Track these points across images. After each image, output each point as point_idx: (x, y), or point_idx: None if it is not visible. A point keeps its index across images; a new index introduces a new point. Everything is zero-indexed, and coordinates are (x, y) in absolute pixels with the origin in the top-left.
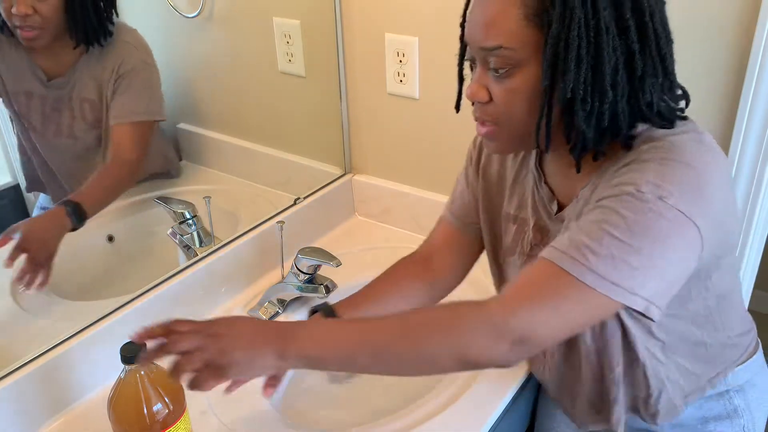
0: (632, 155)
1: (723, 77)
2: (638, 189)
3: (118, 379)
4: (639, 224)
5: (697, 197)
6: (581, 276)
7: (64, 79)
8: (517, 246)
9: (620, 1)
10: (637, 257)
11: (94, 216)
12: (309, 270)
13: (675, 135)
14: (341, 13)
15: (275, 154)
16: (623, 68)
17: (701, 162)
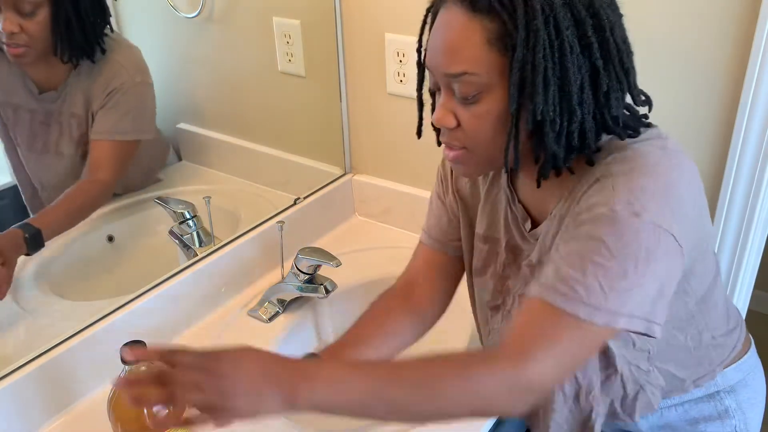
0: (599, 169)
1: (723, 77)
2: (612, 209)
3: None
4: (619, 246)
5: (669, 205)
6: (577, 311)
7: (56, 93)
8: (489, 267)
9: (581, 19)
10: (626, 280)
11: (94, 216)
12: (309, 270)
13: (638, 143)
14: (341, 13)
15: (275, 154)
16: (588, 85)
17: (666, 168)
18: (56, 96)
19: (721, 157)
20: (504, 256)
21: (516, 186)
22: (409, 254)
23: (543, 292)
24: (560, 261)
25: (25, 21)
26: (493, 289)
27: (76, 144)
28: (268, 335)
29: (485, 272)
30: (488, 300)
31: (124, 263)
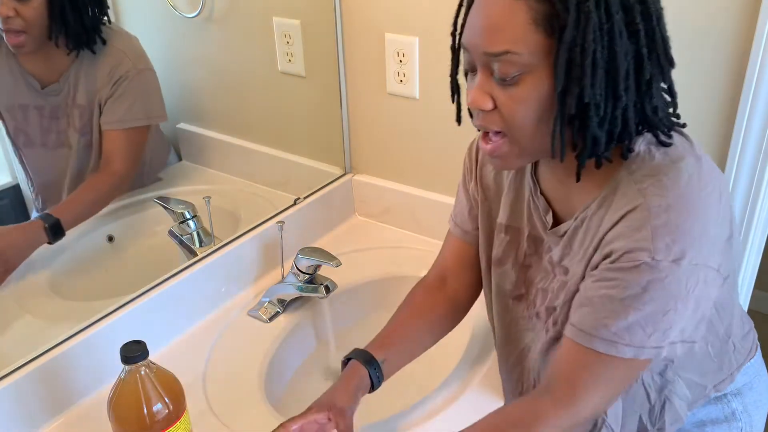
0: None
1: (723, 77)
2: (653, 257)
3: (118, 379)
4: (662, 294)
5: (708, 239)
6: (621, 353)
7: (59, 86)
8: (509, 257)
9: (630, 5)
10: (668, 319)
11: (94, 216)
12: (309, 270)
13: (674, 163)
14: (341, 13)
15: (275, 154)
16: (633, 72)
17: (704, 199)
18: (59, 88)
19: (721, 157)
20: (526, 247)
21: (539, 178)
22: (409, 254)
23: (586, 340)
24: (601, 306)
25: (21, 5)
26: (516, 279)
27: (80, 134)
28: (268, 335)
29: (505, 262)
30: (510, 290)
31: (124, 263)
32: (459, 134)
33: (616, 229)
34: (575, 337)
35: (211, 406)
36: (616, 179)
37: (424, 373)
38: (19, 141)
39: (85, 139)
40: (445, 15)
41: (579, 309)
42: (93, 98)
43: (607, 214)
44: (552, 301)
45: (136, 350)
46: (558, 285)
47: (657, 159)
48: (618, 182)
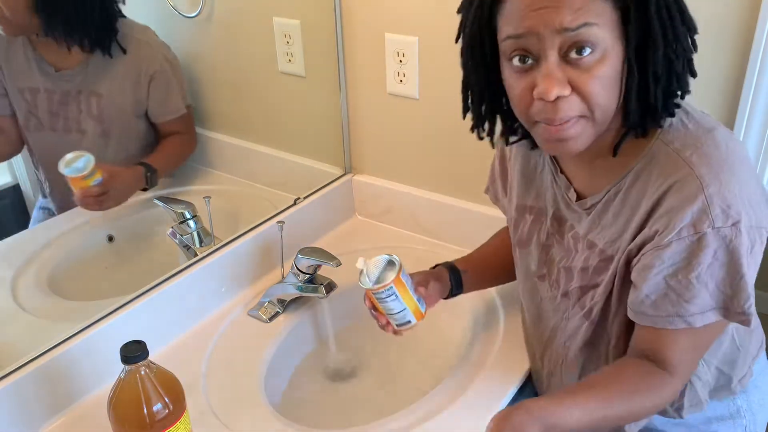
0: (674, 161)
1: (723, 77)
2: (714, 226)
3: (118, 379)
4: (729, 257)
5: (757, 201)
6: (708, 320)
7: (72, 72)
8: (533, 237)
9: None
10: (740, 281)
11: (94, 216)
12: (309, 270)
13: (710, 132)
14: (341, 13)
15: (275, 154)
16: (681, 47)
17: (743, 161)
18: (73, 74)
19: None
20: (548, 225)
21: (557, 157)
22: (409, 254)
23: (678, 322)
24: (675, 286)
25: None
26: (538, 259)
27: (96, 121)
28: (268, 335)
29: (530, 243)
30: (534, 270)
31: (124, 263)
32: (459, 134)
33: (667, 201)
34: (661, 323)
35: (211, 406)
36: (651, 151)
37: (424, 373)
38: (30, 125)
39: (103, 127)
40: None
41: (650, 290)
42: (122, 90)
43: (649, 185)
44: (590, 280)
45: (136, 350)
46: (582, 262)
47: (691, 129)
48: (654, 154)
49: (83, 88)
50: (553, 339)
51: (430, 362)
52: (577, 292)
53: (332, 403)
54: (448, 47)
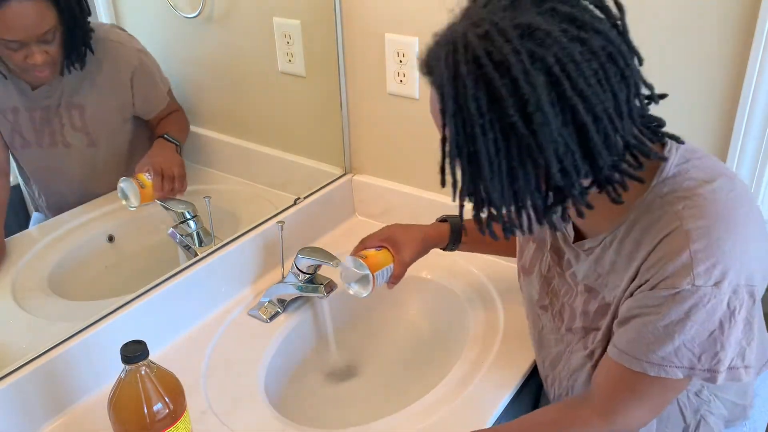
0: (670, 214)
1: (723, 77)
2: (694, 284)
3: (118, 379)
4: (705, 317)
5: (748, 258)
6: (672, 375)
7: (49, 87)
8: (535, 266)
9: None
10: (714, 339)
11: (95, 215)
12: (309, 270)
13: (708, 184)
14: (341, 13)
15: (275, 154)
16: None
17: (740, 218)
18: (50, 90)
19: (720, 157)
20: (549, 258)
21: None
22: None
23: (636, 365)
24: (645, 332)
25: (48, 46)
26: (540, 289)
27: (81, 133)
28: (268, 335)
29: (532, 271)
30: (537, 299)
31: (124, 263)
32: None
33: (654, 254)
34: (622, 360)
35: (211, 406)
36: (646, 201)
37: (424, 373)
38: (15, 142)
39: (89, 138)
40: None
41: (623, 333)
42: (104, 97)
43: (643, 238)
44: (592, 322)
45: (136, 350)
46: (582, 305)
47: (689, 180)
48: (649, 204)
49: (62, 102)
50: (556, 366)
51: (429, 362)
52: (580, 331)
53: (332, 402)
54: None
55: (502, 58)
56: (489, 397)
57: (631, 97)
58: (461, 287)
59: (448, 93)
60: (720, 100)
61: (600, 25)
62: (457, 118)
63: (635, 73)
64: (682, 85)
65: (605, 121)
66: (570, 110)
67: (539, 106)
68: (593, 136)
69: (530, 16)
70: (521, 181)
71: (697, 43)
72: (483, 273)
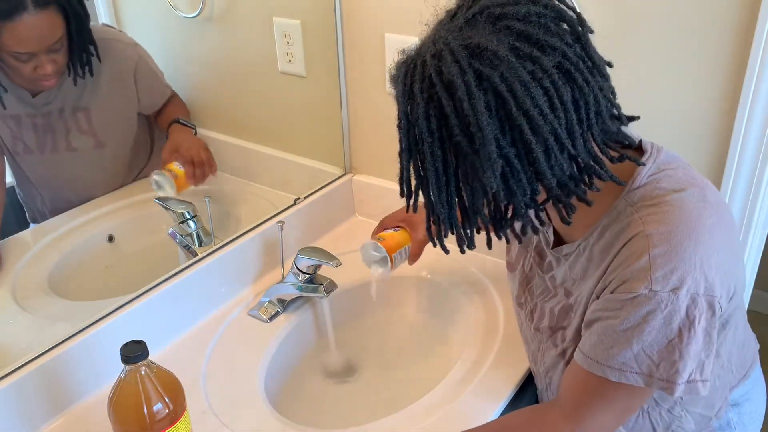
0: (634, 220)
1: (723, 77)
2: (651, 288)
3: (118, 379)
4: (663, 324)
5: (709, 267)
6: (631, 381)
7: (50, 94)
8: (518, 263)
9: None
10: (672, 350)
11: (95, 215)
12: (309, 270)
13: (676, 192)
14: (341, 13)
15: (275, 154)
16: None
17: (705, 227)
18: (49, 95)
19: (720, 156)
20: (531, 258)
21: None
22: None
23: (597, 368)
24: (605, 336)
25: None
26: (519, 286)
27: (88, 135)
28: (268, 335)
29: (515, 268)
30: (516, 295)
31: (124, 263)
32: None
33: (617, 258)
34: (585, 364)
35: (211, 406)
36: (617, 209)
37: (424, 373)
38: (18, 149)
39: (96, 139)
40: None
41: (587, 337)
42: (109, 97)
43: (612, 244)
44: (557, 322)
45: (136, 350)
46: (560, 307)
47: (658, 189)
48: (619, 212)
49: (65, 106)
50: (537, 362)
51: (429, 362)
52: (546, 330)
53: (332, 402)
54: None
55: (450, 78)
56: (489, 397)
57: (591, 114)
58: (461, 287)
59: (402, 109)
60: (720, 100)
61: (556, 42)
62: (410, 135)
63: (595, 89)
64: (681, 85)
65: (551, 142)
66: (516, 130)
67: (480, 126)
68: (538, 157)
69: (483, 35)
70: (469, 199)
71: (697, 43)
72: (483, 273)
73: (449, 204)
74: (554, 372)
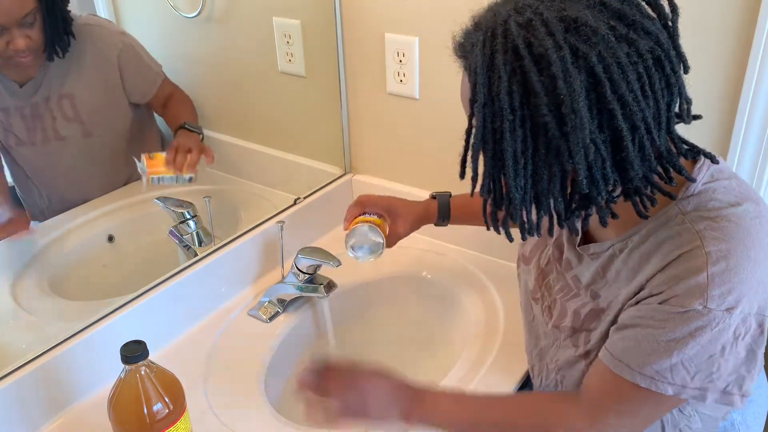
0: (690, 232)
1: (723, 77)
2: (705, 306)
3: (118, 379)
4: (709, 339)
5: (764, 288)
6: (661, 390)
7: (36, 81)
8: (534, 256)
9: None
10: (712, 361)
11: (95, 215)
12: (309, 270)
13: (733, 207)
14: (341, 13)
15: (275, 154)
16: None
17: (763, 246)
18: (35, 84)
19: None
20: (550, 252)
21: None
22: (409, 254)
23: (628, 373)
24: (645, 343)
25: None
26: (535, 281)
27: (75, 123)
28: (268, 335)
29: (531, 261)
30: (531, 290)
31: (124, 263)
32: (459, 134)
33: (669, 269)
34: (614, 366)
35: (211, 406)
36: (667, 215)
37: (424, 373)
38: (10, 142)
39: (84, 127)
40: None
41: (620, 340)
42: (92, 82)
43: (657, 251)
44: (582, 324)
45: (136, 350)
46: (588, 310)
47: (714, 200)
48: (669, 219)
49: (50, 94)
50: (543, 358)
51: (430, 362)
52: (568, 330)
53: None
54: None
55: (542, 51)
56: None
57: (672, 106)
58: (461, 287)
59: (480, 82)
60: (720, 100)
61: (650, 26)
62: (486, 110)
63: (680, 80)
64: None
65: (642, 131)
66: (607, 115)
67: (575, 108)
68: (628, 145)
69: (578, 8)
70: (545, 184)
71: (696, 43)
72: (483, 273)
73: (524, 188)
74: (570, 371)
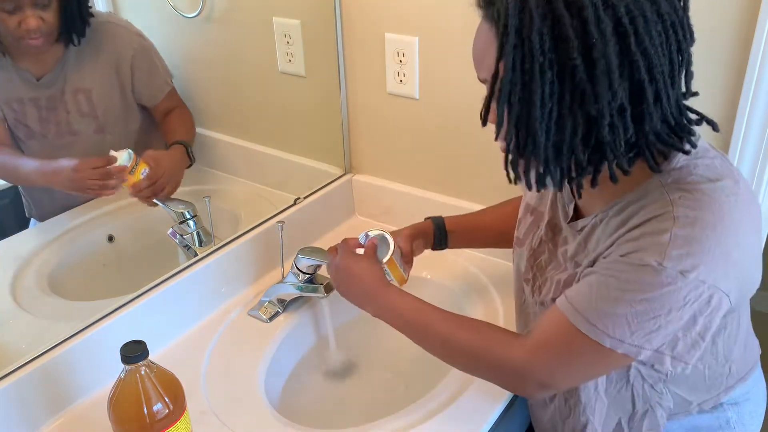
0: (663, 200)
1: (723, 77)
2: (660, 263)
3: (118, 379)
4: (657, 297)
5: (725, 261)
6: (599, 339)
7: (54, 75)
8: (527, 239)
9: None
10: (655, 321)
11: (95, 215)
12: (309, 270)
13: (711, 182)
14: (341, 13)
15: (275, 154)
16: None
17: (733, 222)
18: (53, 77)
19: None
20: (543, 232)
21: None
22: None
23: (572, 316)
24: (596, 290)
25: (43, 12)
26: (526, 261)
27: (89, 118)
28: (268, 335)
29: (524, 243)
30: (522, 272)
31: (124, 263)
32: (458, 134)
33: (637, 230)
34: (563, 307)
35: (211, 406)
36: (647, 187)
37: (424, 373)
38: (20, 134)
39: (97, 123)
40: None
41: (576, 285)
42: (107, 78)
43: (631, 217)
44: (557, 293)
45: (136, 350)
46: (566, 277)
47: (695, 176)
48: (648, 190)
49: (67, 88)
50: None
51: (429, 362)
52: (550, 303)
53: (332, 402)
54: (448, 47)
55: None
56: (488, 397)
57: (682, 70)
58: (461, 287)
59: (512, 24)
60: (720, 100)
61: None
62: (516, 53)
63: (690, 50)
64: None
65: (661, 84)
66: (629, 65)
67: (605, 53)
68: (648, 96)
69: None
70: (568, 131)
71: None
72: (483, 273)
73: (547, 134)
74: None
